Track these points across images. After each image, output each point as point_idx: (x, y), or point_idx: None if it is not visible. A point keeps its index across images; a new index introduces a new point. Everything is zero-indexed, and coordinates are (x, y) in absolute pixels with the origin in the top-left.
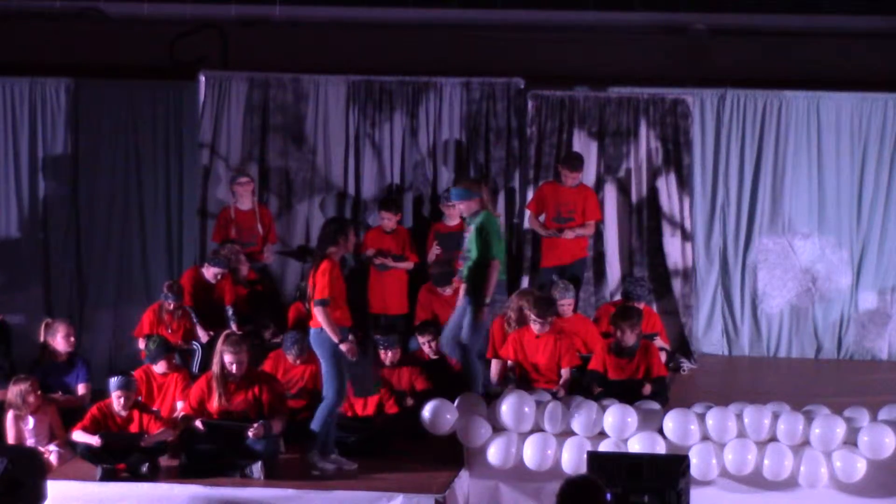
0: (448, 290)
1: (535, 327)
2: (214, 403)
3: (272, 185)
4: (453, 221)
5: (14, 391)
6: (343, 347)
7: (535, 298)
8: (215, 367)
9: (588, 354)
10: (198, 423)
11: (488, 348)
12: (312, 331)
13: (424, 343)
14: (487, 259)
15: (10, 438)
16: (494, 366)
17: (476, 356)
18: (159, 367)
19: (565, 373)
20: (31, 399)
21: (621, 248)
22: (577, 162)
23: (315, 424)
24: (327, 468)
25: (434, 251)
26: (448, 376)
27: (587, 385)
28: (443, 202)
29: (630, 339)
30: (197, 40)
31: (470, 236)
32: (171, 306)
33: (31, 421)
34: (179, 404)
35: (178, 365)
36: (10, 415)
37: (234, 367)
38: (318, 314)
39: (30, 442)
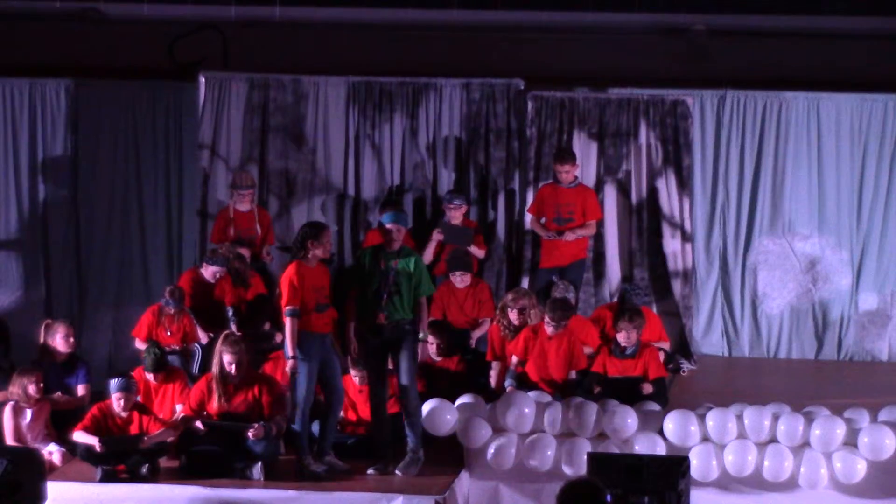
0: (466, 279)
1: (548, 329)
2: (214, 404)
3: (272, 186)
4: (455, 223)
5: (18, 382)
6: (287, 365)
7: (551, 302)
8: (215, 368)
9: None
10: (198, 424)
11: (487, 351)
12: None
13: (432, 345)
14: (424, 295)
15: (7, 430)
16: (494, 369)
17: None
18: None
19: (572, 374)
20: (32, 391)
21: (621, 249)
22: (566, 155)
23: (296, 425)
24: (318, 470)
25: (436, 237)
26: (446, 377)
27: (587, 386)
28: (446, 204)
29: (630, 341)
30: (197, 41)
31: (405, 273)
32: (172, 311)
33: (28, 414)
34: (178, 407)
35: (175, 368)
36: (8, 407)
37: (233, 367)
38: (286, 322)
39: (27, 437)
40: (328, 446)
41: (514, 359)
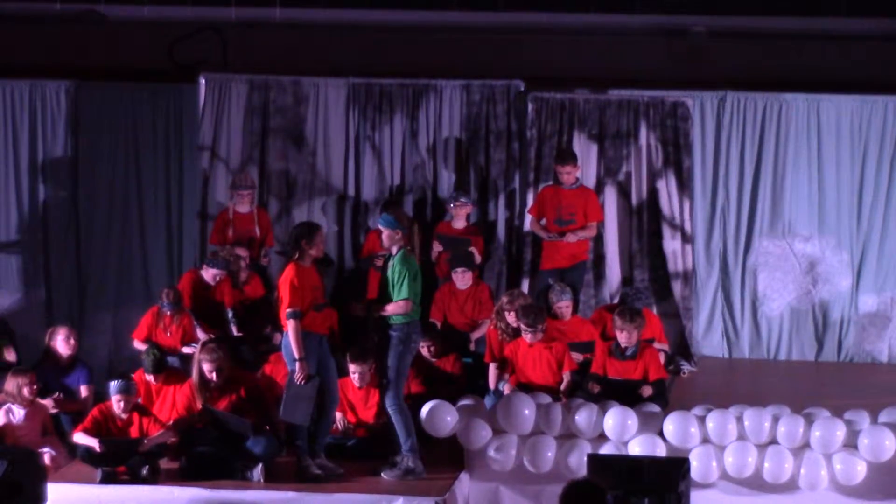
0: (467, 277)
1: (526, 337)
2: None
3: (272, 188)
4: (459, 222)
5: (12, 382)
6: (297, 367)
7: (522, 308)
8: (195, 376)
9: (588, 358)
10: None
11: (486, 353)
12: (284, 337)
13: (424, 347)
14: (399, 298)
15: None
16: (492, 370)
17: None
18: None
19: (566, 376)
20: (27, 392)
21: (621, 251)
22: (568, 156)
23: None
24: (318, 472)
25: (435, 248)
26: (442, 377)
27: (588, 388)
28: (450, 203)
29: (631, 341)
30: (197, 43)
31: (391, 274)
32: (170, 313)
33: (20, 415)
34: None
35: (175, 369)
36: (2, 410)
37: (213, 374)
38: (288, 326)
39: (18, 438)
40: (320, 448)
41: (504, 384)
